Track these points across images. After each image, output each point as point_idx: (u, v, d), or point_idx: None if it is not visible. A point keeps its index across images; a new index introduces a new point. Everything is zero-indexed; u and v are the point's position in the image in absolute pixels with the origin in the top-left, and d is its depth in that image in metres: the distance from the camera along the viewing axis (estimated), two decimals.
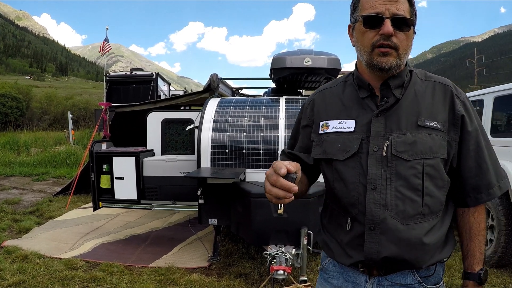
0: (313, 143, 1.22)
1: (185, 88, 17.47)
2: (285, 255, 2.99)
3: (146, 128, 4.90)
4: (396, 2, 1.05)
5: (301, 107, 1.33)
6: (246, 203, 3.35)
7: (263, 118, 3.86)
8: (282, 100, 4.09)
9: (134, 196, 4.37)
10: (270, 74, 4.25)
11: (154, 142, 4.86)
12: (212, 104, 4.08)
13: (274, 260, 2.97)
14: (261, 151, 3.70)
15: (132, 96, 10.68)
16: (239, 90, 6.17)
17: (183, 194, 4.23)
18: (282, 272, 2.84)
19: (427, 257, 1.08)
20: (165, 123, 4.88)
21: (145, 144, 4.88)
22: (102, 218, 5.65)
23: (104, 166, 4.43)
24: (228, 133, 3.79)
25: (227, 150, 3.74)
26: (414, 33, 1.11)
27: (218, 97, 4.35)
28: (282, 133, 3.72)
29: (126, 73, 12.08)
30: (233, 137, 3.77)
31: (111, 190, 4.42)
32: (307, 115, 1.27)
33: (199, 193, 3.69)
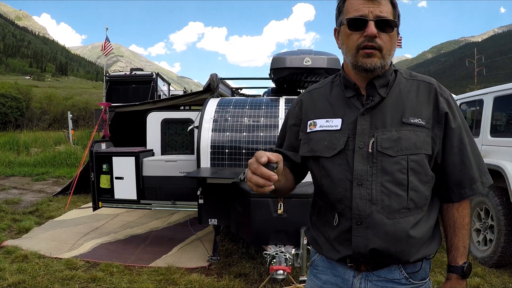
0: (301, 142, 1.24)
1: (185, 88, 17.49)
2: (285, 255, 2.99)
3: (146, 128, 4.89)
4: (379, 5, 1.08)
5: (289, 108, 1.36)
6: (246, 203, 3.35)
7: (263, 118, 3.86)
8: (282, 100, 4.09)
9: (134, 196, 4.37)
10: (270, 74, 4.25)
11: (154, 142, 4.86)
12: (212, 104, 4.08)
13: (274, 260, 2.97)
14: None
15: (132, 96, 10.68)
16: (239, 90, 6.16)
17: (183, 194, 4.23)
18: (282, 272, 2.85)
19: (413, 251, 1.10)
20: (165, 123, 4.87)
21: (145, 144, 4.88)
22: (102, 218, 5.65)
23: (104, 166, 4.43)
24: (228, 133, 3.79)
25: (227, 150, 3.74)
26: (398, 34, 1.15)
27: (218, 97, 4.35)
28: None
29: (126, 73, 12.09)
30: (233, 137, 3.77)
31: (111, 190, 4.42)
32: (295, 115, 1.29)
33: (199, 193, 3.69)
